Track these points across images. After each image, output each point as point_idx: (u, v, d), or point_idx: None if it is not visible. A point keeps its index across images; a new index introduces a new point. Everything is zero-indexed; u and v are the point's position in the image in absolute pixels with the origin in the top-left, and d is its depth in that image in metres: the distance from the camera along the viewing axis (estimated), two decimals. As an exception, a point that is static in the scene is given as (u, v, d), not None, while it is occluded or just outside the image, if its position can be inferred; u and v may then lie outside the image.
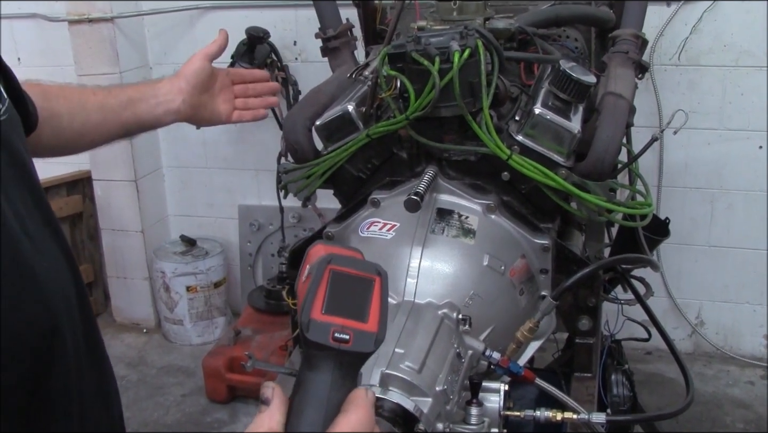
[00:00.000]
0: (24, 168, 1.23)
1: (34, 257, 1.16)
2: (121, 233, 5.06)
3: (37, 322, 1.14)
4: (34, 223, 1.20)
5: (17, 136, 1.25)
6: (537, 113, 2.05)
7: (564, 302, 2.12)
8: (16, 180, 1.19)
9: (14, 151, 1.21)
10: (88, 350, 1.32)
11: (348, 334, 0.85)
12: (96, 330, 1.39)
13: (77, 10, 4.59)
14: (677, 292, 4.47)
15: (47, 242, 1.24)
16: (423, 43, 1.94)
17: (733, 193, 4.24)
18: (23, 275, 1.12)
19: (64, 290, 1.24)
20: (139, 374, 4.69)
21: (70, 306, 1.25)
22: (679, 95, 4.13)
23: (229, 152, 4.95)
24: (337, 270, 0.88)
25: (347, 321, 0.86)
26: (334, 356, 0.86)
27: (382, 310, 0.88)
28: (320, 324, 0.85)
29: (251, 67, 4.26)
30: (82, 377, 1.29)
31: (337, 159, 2.23)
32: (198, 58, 2.00)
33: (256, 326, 4.44)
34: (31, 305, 1.13)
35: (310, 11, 2.97)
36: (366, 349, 0.86)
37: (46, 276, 1.18)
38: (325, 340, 0.85)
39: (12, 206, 1.14)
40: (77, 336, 1.27)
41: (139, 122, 1.89)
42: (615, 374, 2.75)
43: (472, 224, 2.03)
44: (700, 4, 3.98)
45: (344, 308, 0.86)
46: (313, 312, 0.85)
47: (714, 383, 4.32)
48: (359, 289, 0.88)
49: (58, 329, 1.19)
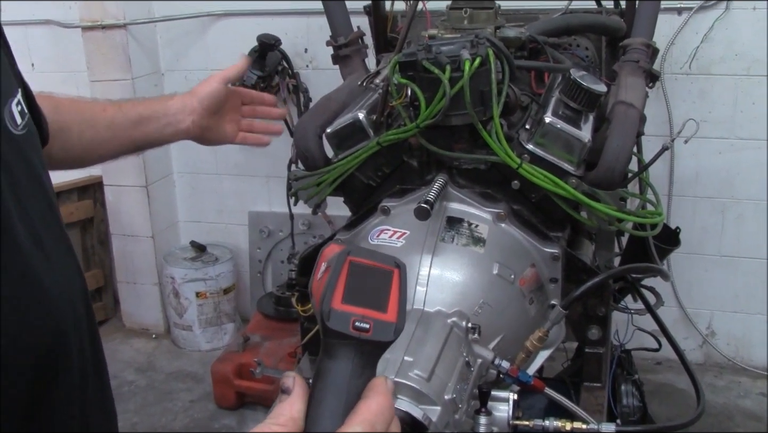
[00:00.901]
0: (41, 182, 1.24)
1: (46, 270, 1.16)
2: (131, 238, 5.07)
3: (44, 334, 1.15)
4: (49, 236, 1.20)
5: (35, 151, 1.26)
6: (547, 122, 2.05)
7: (574, 312, 2.12)
8: (33, 194, 1.20)
9: (32, 166, 1.22)
10: (92, 361, 1.33)
11: (368, 323, 0.86)
12: (99, 341, 1.40)
13: (90, 17, 4.61)
14: (688, 302, 4.45)
15: (60, 255, 1.25)
16: (434, 52, 1.94)
17: (744, 203, 4.23)
18: (33, 289, 1.13)
19: (73, 303, 1.25)
20: (147, 379, 4.69)
21: (78, 319, 1.26)
22: (689, 104, 4.12)
23: (239, 159, 4.95)
24: (357, 261, 0.89)
25: (367, 311, 0.87)
26: (354, 345, 0.87)
27: (401, 300, 0.89)
28: (341, 313, 0.86)
29: (262, 74, 4.27)
30: (85, 389, 1.29)
31: (348, 167, 2.24)
32: (215, 80, 1.97)
33: (265, 333, 4.44)
34: (39, 319, 1.14)
35: (322, 19, 2.98)
36: (386, 338, 0.87)
37: (56, 290, 1.18)
38: (345, 329, 0.86)
39: (28, 220, 1.14)
40: (84, 348, 1.28)
41: (148, 141, 1.90)
42: (625, 384, 2.74)
43: (482, 232, 2.03)
44: (711, 12, 3.98)
45: (364, 299, 0.87)
46: (333, 302, 0.86)
47: (725, 395, 4.30)
48: (378, 280, 0.89)
49: (65, 342, 1.19)
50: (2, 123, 1.15)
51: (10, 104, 1.18)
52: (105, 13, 4.58)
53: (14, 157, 1.16)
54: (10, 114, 1.17)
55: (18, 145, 1.18)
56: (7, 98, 1.18)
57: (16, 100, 1.20)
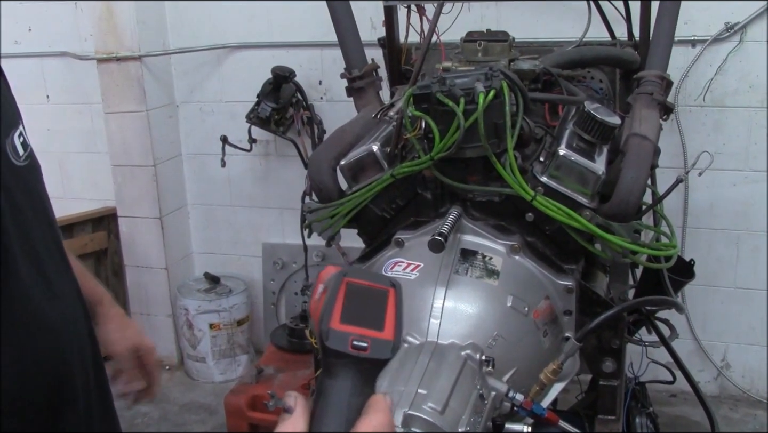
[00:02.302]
0: (45, 212, 1.25)
1: (49, 301, 1.17)
2: (145, 269, 5.08)
3: (49, 366, 1.15)
4: (53, 265, 1.21)
5: (38, 182, 1.27)
6: (561, 154, 2.05)
7: (588, 344, 2.11)
8: (39, 225, 1.20)
9: (35, 196, 1.23)
10: (96, 385, 1.33)
11: (366, 342, 0.88)
12: (104, 373, 1.40)
13: (106, 49, 4.65)
14: (702, 334, 4.43)
15: (65, 284, 1.25)
16: (448, 84, 1.95)
17: (759, 235, 4.21)
18: (35, 318, 1.14)
19: (77, 333, 1.25)
20: (161, 410, 4.68)
21: (81, 348, 1.26)
22: (704, 136, 4.12)
23: (253, 191, 4.97)
24: (353, 282, 0.92)
25: (365, 330, 0.89)
26: (353, 363, 0.89)
27: (397, 319, 0.92)
28: (339, 333, 0.88)
29: (277, 106, 4.29)
30: (92, 423, 1.29)
31: (362, 199, 2.24)
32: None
33: (279, 365, 4.42)
34: (43, 350, 1.14)
35: (336, 51, 3.00)
36: (383, 356, 0.89)
37: (60, 320, 1.19)
38: (344, 348, 0.88)
39: (32, 250, 1.15)
40: (88, 375, 1.28)
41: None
42: (639, 416, 2.72)
43: (495, 264, 2.03)
44: (725, 45, 3.98)
45: (361, 318, 0.90)
46: (332, 322, 0.89)
47: (740, 427, 4.26)
48: (374, 300, 0.92)
49: (69, 372, 1.19)
50: (4, 154, 1.16)
51: (12, 136, 1.19)
52: (120, 45, 4.61)
53: (17, 188, 1.17)
54: (12, 145, 1.18)
55: (21, 176, 1.19)
56: (9, 129, 1.19)
57: (18, 132, 1.21)
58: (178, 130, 5.00)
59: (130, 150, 4.78)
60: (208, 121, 4.91)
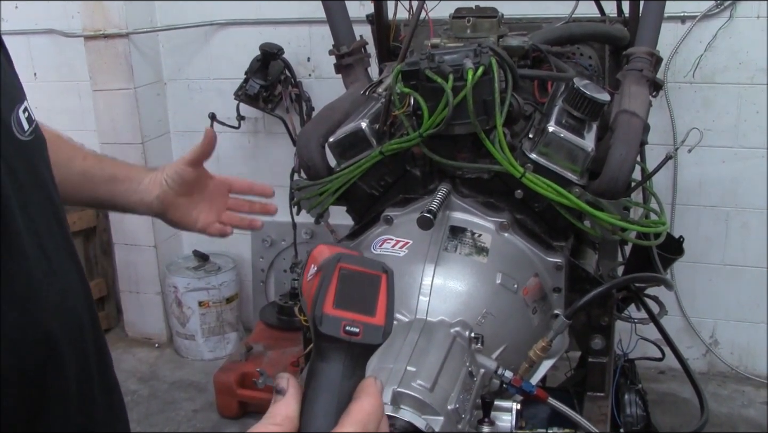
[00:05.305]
0: (47, 190, 1.24)
1: (49, 278, 1.16)
2: (134, 247, 5.06)
3: (31, 342, 1.14)
4: (54, 244, 1.20)
5: (42, 158, 1.26)
6: (551, 131, 2.05)
7: (577, 321, 2.11)
8: (39, 201, 1.20)
9: (38, 172, 1.22)
10: (99, 370, 1.32)
11: (358, 327, 0.90)
12: (107, 354, 1.40)
13: (93, 26, 4.62)
14: (691, 311, 4.44)
15: (65, 263, 1.24)
16: (437, 61, 1.94)
17: (748, 212, 4.22)
18: (33, 297, 1.13)
19: (76, 312, 1.24)
20: (150, 388, 4.68)
21: (81, 329, 1.25)
22: (693, 113, 4.11)
23: (242, 168, 4.95)
24: (346, 267, 0.92)
25: (357, 315, 0.90)
26: (345, 347, 0.90)
27: (388, 305, 0.93)
28: (332, 318, 0.90)
29: (265, 83, 4.27)
30: (91, 403, 1.29)
31: (350, 176, 2.23)
32: (182, 160, 1.83)
33: (268, 342, 4.43)
34: (35, 330, 1.14)
35: (324, 28, 2.98)
36: (375, 341, 0.91)
37: (58, 298, 1.18)
38: (336, 333, 0.89)
39: (33, 226, 1.14)
40: (88, 356, 1.27)
41: (113, 202, 1.76)
42: (628, 393, 2.74)
43: (485, 242, 2.02)
44: (715, 21, 3.97)
45: (354, 303, 0.91)
46: (325, 307, 0.90)
47: (729, 404, 4.28)
48: (367, 285, 0.93)
49: (55, 351, 1.18)
50: (9, 128, 1.15)
51: (18, 110, 1.18)
52: (107, 22, 4.58)
53: (20, 163, 1.16)
54: (17, 120, 1.17)
55: (24, 151, 1.18)
56: (14, 104, 1.18)
57: (23, 107, 1.20)
58: (166, 108, 4.98)
59: (119, 128, 4.75)
60: (196, 98, 4.89)
